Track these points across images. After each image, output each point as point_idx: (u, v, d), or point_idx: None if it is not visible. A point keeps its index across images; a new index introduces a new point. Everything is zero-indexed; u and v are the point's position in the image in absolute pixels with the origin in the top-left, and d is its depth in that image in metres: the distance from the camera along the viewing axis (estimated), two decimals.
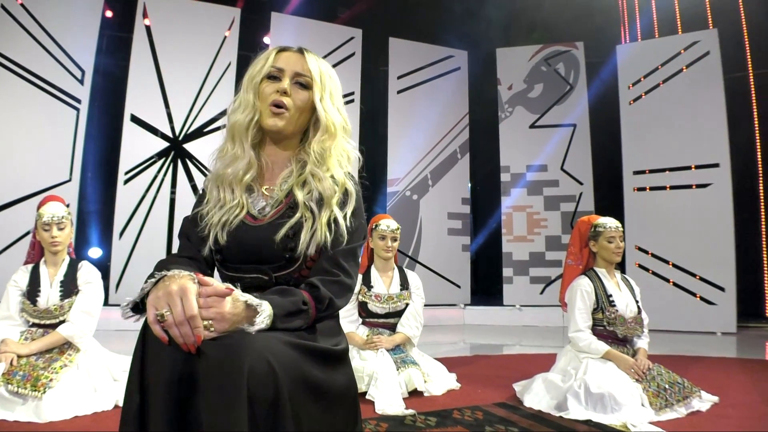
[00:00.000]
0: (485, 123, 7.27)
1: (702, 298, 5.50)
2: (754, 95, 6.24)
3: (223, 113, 5.94)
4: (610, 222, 3.00)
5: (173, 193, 5.61)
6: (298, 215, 1.21)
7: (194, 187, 5.69)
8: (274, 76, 1.26)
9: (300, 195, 1.23)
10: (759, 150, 6.15)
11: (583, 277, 2.97)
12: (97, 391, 2.49)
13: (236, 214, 1.23)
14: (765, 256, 5.96)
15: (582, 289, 2.90)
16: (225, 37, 5.88)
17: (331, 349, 1.14)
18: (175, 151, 5.65)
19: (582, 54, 6.84)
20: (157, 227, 5.47)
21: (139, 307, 1.05)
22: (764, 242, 5.98)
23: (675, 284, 5.70)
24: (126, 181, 5.43)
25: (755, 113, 6.21)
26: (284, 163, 1.32)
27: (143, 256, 5.34)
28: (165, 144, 5.62)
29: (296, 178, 1.26)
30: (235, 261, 1.23)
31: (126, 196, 5.42)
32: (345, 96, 6.35)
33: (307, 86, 1.26)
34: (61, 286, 2.61)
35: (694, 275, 5.62)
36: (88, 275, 2.67)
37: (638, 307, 2.94)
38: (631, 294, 3.00)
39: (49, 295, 2.58)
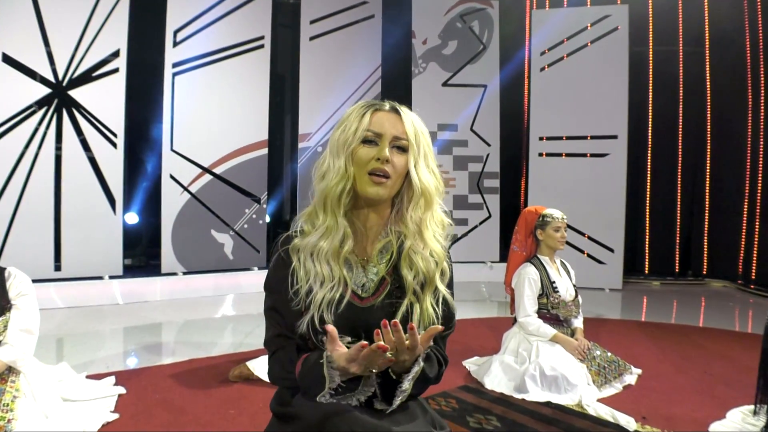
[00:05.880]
0: (398, 78, 7.15)
1: (591, 257, 6.18)
2: (651, 71, 6.80)
3: (116, 54, 5.15)
4: (557, 213, 3.25)
5: (59, 148, 4.81)
6: (408, 299, 1.18)
7: (83, 141, 4.93)
8: (370, 140, 1.18)
9: (409, 276, 1.19)
10: (650, 123, 6.82)
11: (529, 265, 3.19)
12: (50, 418, 2.17)
13: (340, 291, 1.16)
14: (647, 219, 6.81)
15: (529, 277, 3.13)
16: None
17: None
18: (59, 99, 4.80)
19: (497, 14, 6.90)
20: (41, 189, 4.69)
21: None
22: (648, 207, 6.81)
23: (567, 242, 6.31)
24: (0, 136, 4.55)
25: (650, 88, 6.81)
26: (378, 230, 1.25)
27: (26, 223, 4.60)
28: (46, 90, 4.73)
29: (397, 254, 1.22)
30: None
31: (1, 153, 4.56)
32: (253, 41, 5.75)
33: (404, 149, 1.19)
34: None
35: (583, 234, 6.25)
36: (20, 286, 2.21)
37: (575, 290, 3.24)
38: (569, 278, 3.30)
39: None
